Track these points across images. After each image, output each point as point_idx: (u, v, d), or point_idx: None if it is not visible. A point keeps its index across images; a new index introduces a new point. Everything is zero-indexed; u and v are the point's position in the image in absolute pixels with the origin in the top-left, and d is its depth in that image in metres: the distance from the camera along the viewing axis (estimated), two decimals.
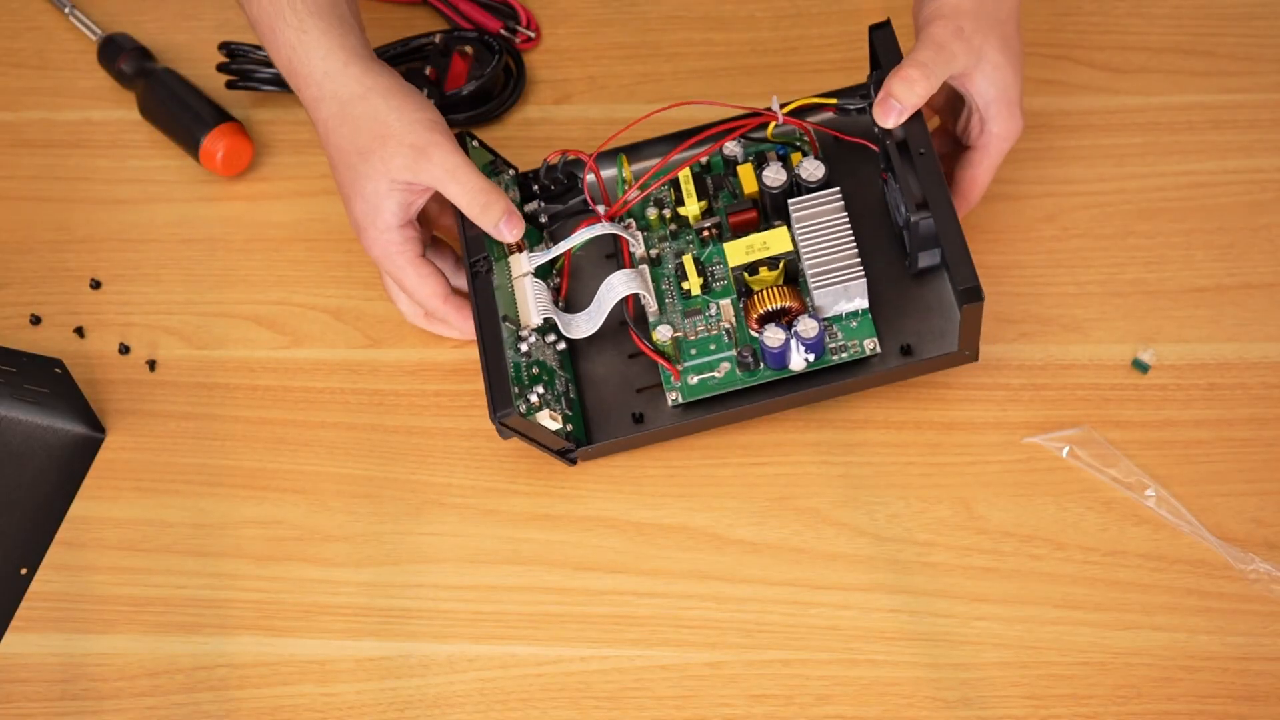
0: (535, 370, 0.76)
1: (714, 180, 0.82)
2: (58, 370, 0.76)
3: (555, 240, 0.81)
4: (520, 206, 0.83)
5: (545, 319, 0.77)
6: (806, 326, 0.74)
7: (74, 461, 0.80)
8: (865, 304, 0.77)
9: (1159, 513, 0.75)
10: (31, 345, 0.83)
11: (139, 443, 0.81)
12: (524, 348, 0.76)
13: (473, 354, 0.83)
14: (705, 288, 0.79)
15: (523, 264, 0.78)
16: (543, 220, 0.83)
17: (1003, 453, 0.77)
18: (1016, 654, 0.72)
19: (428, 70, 0.91)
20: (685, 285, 0.78)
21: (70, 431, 0.81)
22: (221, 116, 0.89)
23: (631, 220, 0.81)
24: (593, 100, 0.91)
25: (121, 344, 0.84)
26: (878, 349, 0.76)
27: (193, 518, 0.78)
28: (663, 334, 0.77)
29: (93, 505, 0.79)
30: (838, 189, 0.78)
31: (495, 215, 0.76)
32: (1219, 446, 0.77)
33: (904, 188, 0.75)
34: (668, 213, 0.81)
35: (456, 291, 0.80)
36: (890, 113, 0.74)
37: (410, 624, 0.74)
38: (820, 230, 0.77)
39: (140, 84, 0.92)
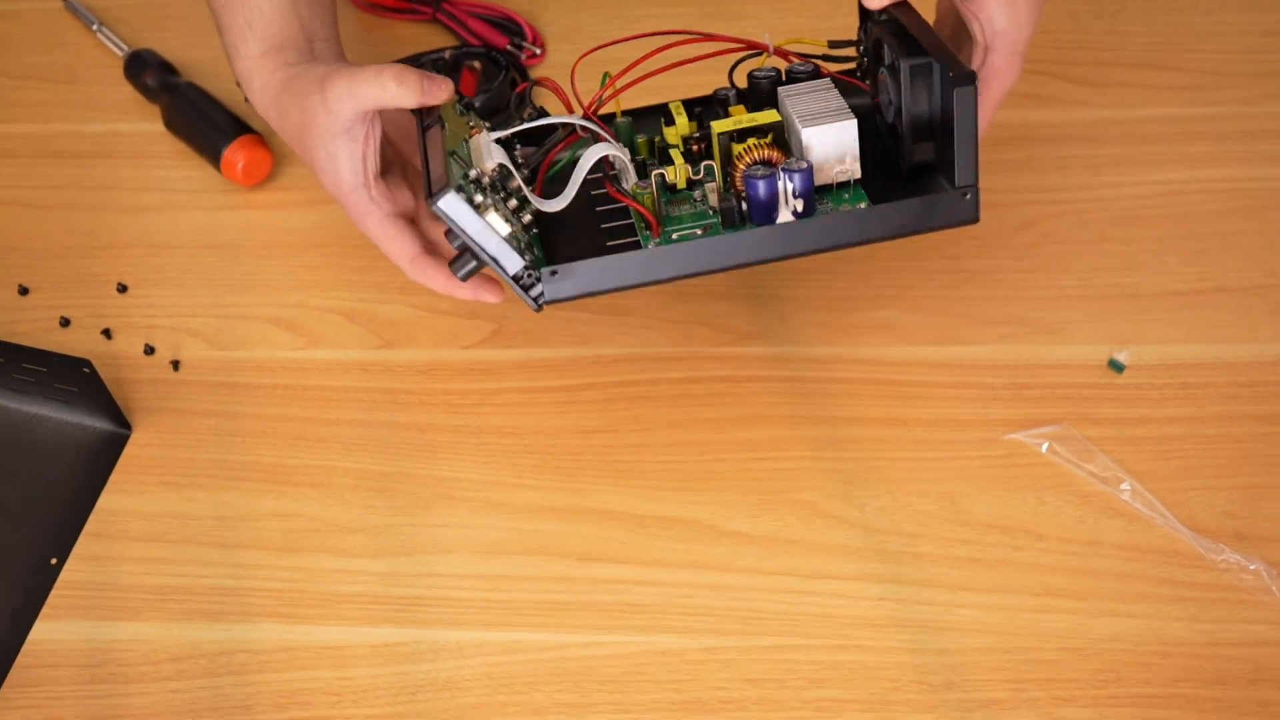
0: (489, 203, 0.68)
1: (703, 109, 0.76)
2: (86, 370, 0.76)
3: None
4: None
5: (501, 164, 0.70)
6: (796, 164, 0.68)
7: (102, 457, 0.80)
8: (858, 169, 0.70)
9: (1134, 506, 0.75)
10: (61, 346, 0.83)
11: (164, 439, 0.81)
12: (479, 198, 0.68)
13: (481, 354, 0.83)
14: (691, 184, 0.73)
15: (484, 138, 0.72)
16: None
17: (985, 449, 0.77)
18: (998, 640, 0.72)
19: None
20: (670, 177, 0.72)
21: (98, 428, 0.81)
22: (241, 128, 0.89)
23: (615, 130, 0.75)
24: None
25: (147, 345, 0.84)
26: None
27: (215, 510, 0.78)
28: (644, 186, 0.70)
29: (120, 499, 0.79)
30: (829, 79, 0.73)
31: (412, 88, 0.71)
32: (1191, 443, 0.77)
33: (893, 78, 0.70)
34: (657, 139, 0.75)
35: (433, 251, 0.76)
36: None
37: (423, 611, 0.74)
38: (810, 98, 0.71)
39: (164, 98, 0.92)
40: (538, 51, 0.94)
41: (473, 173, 0.70)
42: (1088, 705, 0.69)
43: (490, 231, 0.68)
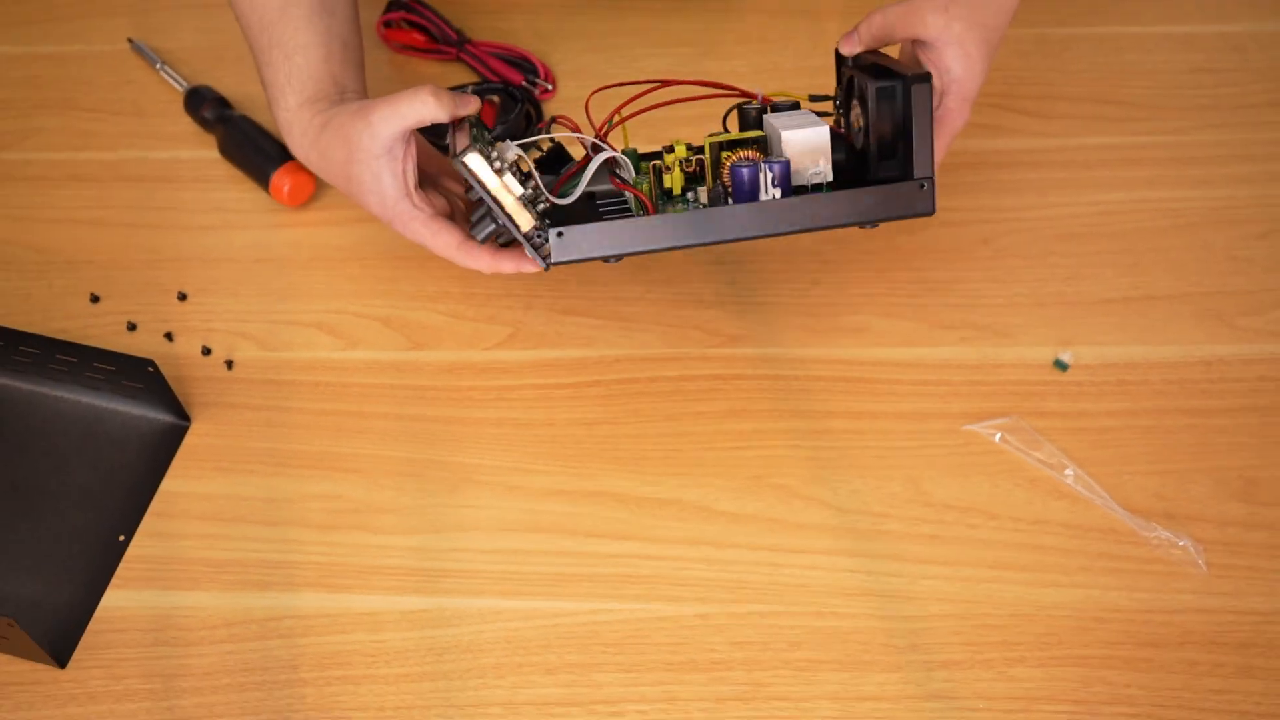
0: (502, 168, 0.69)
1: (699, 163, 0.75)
2: (150, 369, 0.77)
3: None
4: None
5: (519, 157, 0.70)
6: (776, 157, 0.69)
7: (164, 446, 0.80)
8: (830, 172, 0.70)
9: (1076, 489, 0.75)
10: (128, 348, 0.83)
11: (219, 430, 0.81)
12: (498, 163, 0.70)
13: (500, 355, 0.83)
14: (686, 189, 0.73)
15: (509, 145, 0.72)
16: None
17: (945, 438, 0.78)
18: (956, 607, 0.72)
19: None
20: (667, 183, 0.72)
21: (161, 420, 0.81)
22: (288, 155, 0.89)
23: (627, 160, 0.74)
24: None
25: (204, 347, 0.84)
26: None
27: (265, 493, 0.78)
28: (642, 176, 0.71)
29: (180, 482, 0.79)
30: (808, 111, 0.73)
31: (446, 103, 0.71)
32: (1126, 433, 0.77)
33: (861, 99, 0.70)
34: (658, 163, 0.74)
35: (470, 239, 0.75)
36: (848, 41, 0.73)
37: (448, 582, 0.74)
38: (789, 116, 0.72)
39: (219, 128, 0.92)
40: (550, 87, 0.94)
41: (494, 152, 0.70)
42: (1036, 665, 0.70)
43: (505, 190, 0.67)
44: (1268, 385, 0.78)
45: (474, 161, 0.68)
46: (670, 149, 0.75)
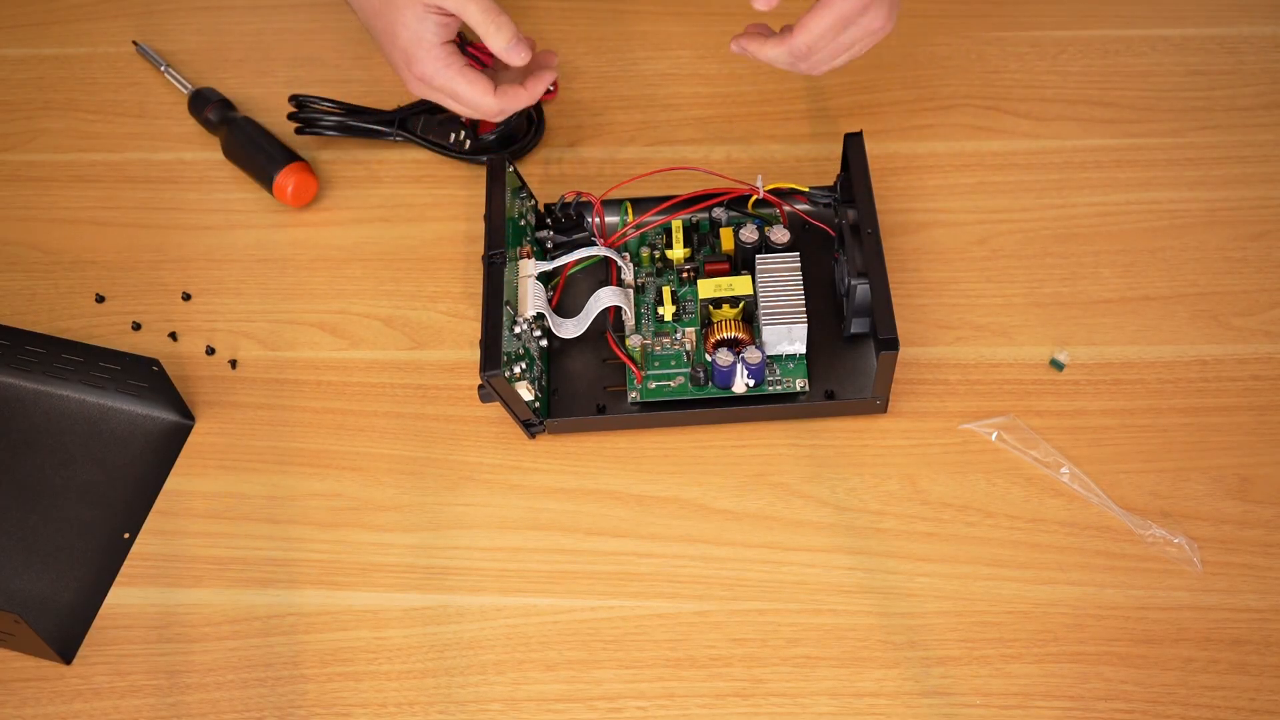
0: (521, 352, 0.76)
1: (699, 237, 0.82)
2: (155, 368, 0.77)
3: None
4: (533, 232, 0.82)
5: (539, 313, 0.77)
6: (752, 354, 0.75)
7: (168, 444, 0.80)
8: (803, 349, 0.77)
9: (1072, 487, 0.75)
10: (133, 347, 0.83)
11: (223, 429, 0.81)
12: (517, 330, 0.76)
13: None
14: (676, 316, 0.79)
15: (529, 267, 0.78)
16: (549, 246, 0.83)
17: (942, 437, 0.78)
18: (953, 604, 0.72)
19: (464, 118, 0.91)
20: (660, 310, 0.79)
21: (165, 419, 0.81)
22: (291, 157, 0.89)
23: (627, 253, 0.82)
24: (601, 144, 0.91)
25: (208, 346, 0.84)
26: (806, 388, 0.77)
27: (267, 491, 0.78)
28: (634, 341, 0.77)
29: (184, 480, 0.79)
30: (797, 254, 0.78)
31: (504, 39, 0.76)
32: (1122, 432, 0.77)
33: (849, 259, 0.76)
34: (657, 253, 0.82)
35: (502, 84, 0.80)
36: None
37: (449, 580, 0.74)
38: (777, 281, 0.77)
39: (223, 130, 0.92)
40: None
41: (517, 330, 0.75)
42: (1032, 662, 0.70)
43: (518, 397, 0.74)
44: (1262, 384, 0.78)
45: (498, 383, 0.73)
46: (669, 238, 0.81)
